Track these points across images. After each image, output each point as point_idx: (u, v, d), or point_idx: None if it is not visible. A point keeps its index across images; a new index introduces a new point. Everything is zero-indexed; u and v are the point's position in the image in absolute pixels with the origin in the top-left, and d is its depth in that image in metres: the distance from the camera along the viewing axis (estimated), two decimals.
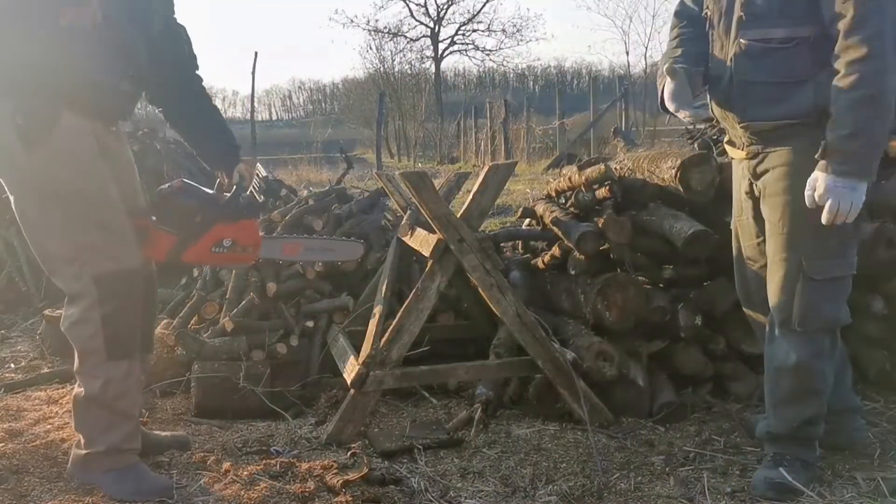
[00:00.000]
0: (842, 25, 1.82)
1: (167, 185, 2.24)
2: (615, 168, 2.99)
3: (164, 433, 2.45)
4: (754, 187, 2.11)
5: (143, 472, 2.11)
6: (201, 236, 2.20)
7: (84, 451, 2.10)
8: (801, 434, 2.11)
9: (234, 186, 2.28)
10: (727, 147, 2.23)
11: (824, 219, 1.86)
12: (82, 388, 2.08)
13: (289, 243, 2.62)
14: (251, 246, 2.29)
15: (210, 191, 2.29)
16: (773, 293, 2.06)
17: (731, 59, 2.03)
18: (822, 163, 1.85)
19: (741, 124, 2.06)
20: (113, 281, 2.01)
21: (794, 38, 1.92)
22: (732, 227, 2.29)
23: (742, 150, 2.12)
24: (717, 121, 2.24)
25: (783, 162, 1.99)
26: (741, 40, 1.99)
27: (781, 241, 2.01)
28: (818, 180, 1.86)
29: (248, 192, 2.31)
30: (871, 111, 1.80)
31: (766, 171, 2.04)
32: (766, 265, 2.11)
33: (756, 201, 2.13)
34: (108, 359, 2.03)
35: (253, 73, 14.68)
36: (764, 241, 2.11)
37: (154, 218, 2.20)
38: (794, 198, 1.95)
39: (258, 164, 2.38)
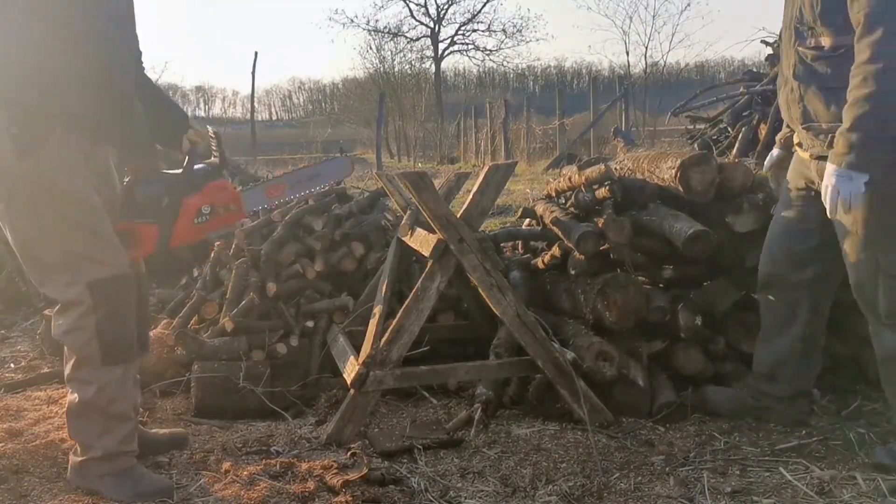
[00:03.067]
0: (857, 32, 1.95)
1: (125, 181, 2.21)
2: (615, 168, 2.99)
3: (162, 431, 2.45)
4: (819, 185, 2.18)
5: (141, 473, 2.11)
6: (177, 216, 2.18)
7: (80, 458, 2.10)
8: None
9: (187, 156, 2.25)
10: (796, 147, 2.36)
11: (827, 208, 2.04)
12: (76, 395, 2.08)
13: (271, 186, 2.52)
14: (231, 203, 2.28)
15: (169, 171, 2.25)
16: (858, 292, 2.19)
17: (792, 67, 2.23)
18: (829, 154, 2.04)
19: (803, 125, 2.23)
20: (106, 286, 2.02)
21: (841, 47, 2.07)
22: (776, 212, 2.44)
23: (807, 151, 2.26)
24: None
25: None
26: (798, 48, 2.19)
27: (858, 242, 2.12)
28: (825, 170, 2.04)
29: (210, 159, 2.28)
30: (868, 108, 1.91)
31: None
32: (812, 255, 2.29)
33: (815, 196, 2.22)
34: (102, 364, 2.03)
35: (253, 73, 14.75)
36: (811, 231, 2.29)
37: (129, 217, 2.18)
38: (864, 199, 2.01)
39: (208, 126, 2.35)
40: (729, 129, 5.39)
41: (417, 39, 35.66)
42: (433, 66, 35.74)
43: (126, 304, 2.08)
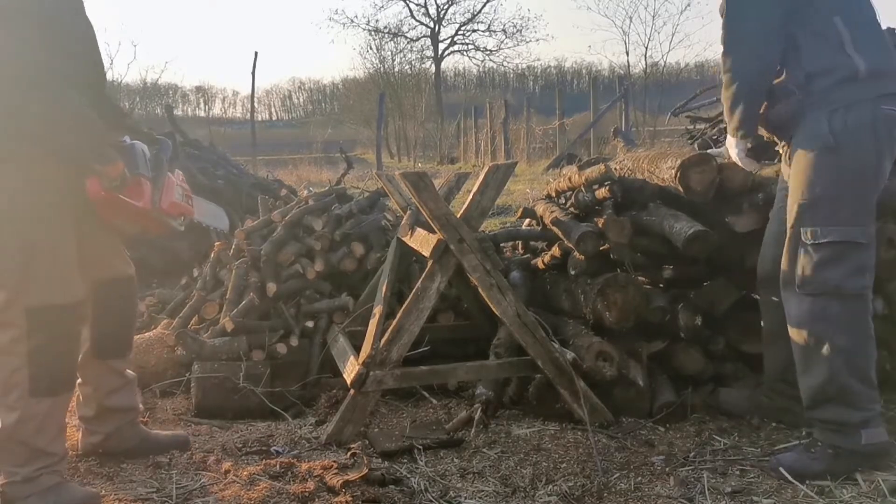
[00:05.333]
0: None
1: (122, 139, 2.14)
2: (615, 168, 2.99)
3: (163, 433, 2.44)
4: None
5: (64, 488, 2.02)
6: (163, 180, 2.14)
7: (2, 482, 1.99)
8: (825, 416, 2.18)
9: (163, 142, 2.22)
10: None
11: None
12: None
13: (200, 204, 2.51)
14: (188, 198, 2.27)
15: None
16: (783, 261, 2.25)
17: None
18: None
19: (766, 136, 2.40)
20: (47, 315, 1.94)
21: None
22: (771, 214, 2.49)
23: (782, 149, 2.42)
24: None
25: (794, 150, 2.25)
26: None
27: (792, 213, 2.22)
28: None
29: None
30: (730, 94, 2.27)
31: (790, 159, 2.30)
32: None
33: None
34: (30, 395, 1.94)
35: (253, 73, 14.72)
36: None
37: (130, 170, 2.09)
38: (796, 173, 2.19)
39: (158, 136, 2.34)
40: None
41: (417, 39, 35.73)
42: (433, 67, 35.80)
43: (67, 336, 2.00)
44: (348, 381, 2.50)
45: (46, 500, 1.98)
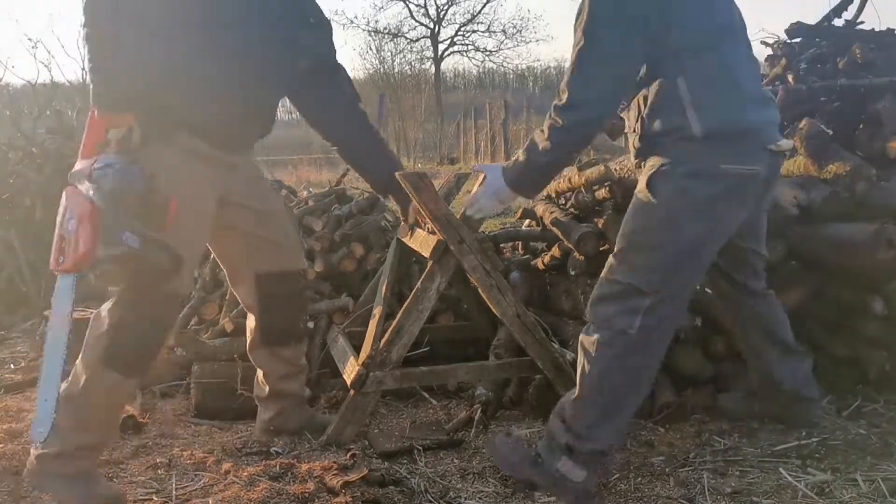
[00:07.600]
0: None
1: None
2: (615, 168, 2.99)
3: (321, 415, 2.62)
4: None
5: (95, 479, 2.04)
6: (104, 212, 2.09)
7: (37, 453, 2.00)
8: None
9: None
10: None
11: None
12: (64, 383, 1.98)
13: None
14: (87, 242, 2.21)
15: None
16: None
17: None
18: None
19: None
20: (140, 303, 1.98)
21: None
22: None
23: None
24: None
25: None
26: None
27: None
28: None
29: None
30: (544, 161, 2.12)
31: None
32: None
33: None
34: (102, 363, 1.97)
35: None
36: None
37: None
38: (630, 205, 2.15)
39: None
40: None
41: (417, 40, 35.68)
42: (433, 67, 35.78)
43: (157, 325, 2.03)
44: (348, 382, 2.50)
45: (73, 490, 1.98)
